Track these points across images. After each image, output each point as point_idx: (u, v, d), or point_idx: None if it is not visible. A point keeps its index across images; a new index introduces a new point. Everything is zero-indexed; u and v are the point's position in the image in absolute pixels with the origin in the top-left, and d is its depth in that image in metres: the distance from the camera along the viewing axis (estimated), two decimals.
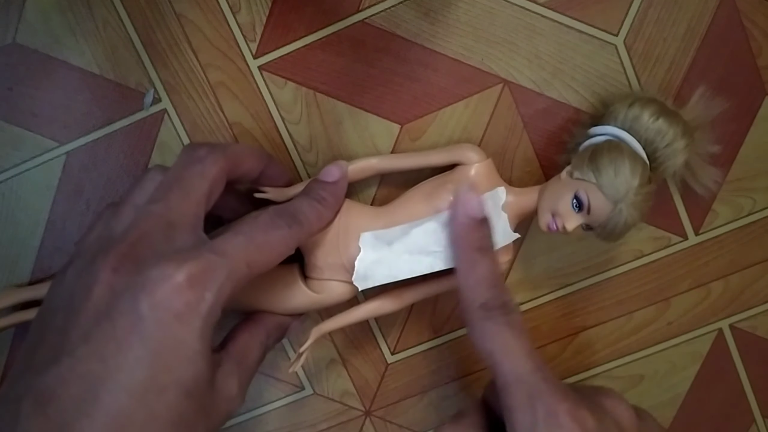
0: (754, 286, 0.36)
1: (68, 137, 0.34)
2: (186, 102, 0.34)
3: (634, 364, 0.37)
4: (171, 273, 0.23)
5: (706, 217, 0.35)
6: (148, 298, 0.22)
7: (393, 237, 0.30)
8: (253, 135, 0.34)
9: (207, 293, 0.23)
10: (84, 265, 0.25)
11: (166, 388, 0.22)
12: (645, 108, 0.29)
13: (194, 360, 0.23)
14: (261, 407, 0.38)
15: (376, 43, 0.33)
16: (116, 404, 0.22)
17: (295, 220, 0.27)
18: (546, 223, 0.29)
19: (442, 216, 0.30)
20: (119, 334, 0.22)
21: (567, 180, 0.29)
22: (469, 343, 0.36)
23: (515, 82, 0.33)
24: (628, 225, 0.28)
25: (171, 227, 0.25)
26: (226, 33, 0.33)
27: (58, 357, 0.23)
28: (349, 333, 0.37)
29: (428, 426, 0.38)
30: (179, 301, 0.23)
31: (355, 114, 0.34)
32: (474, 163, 0.30)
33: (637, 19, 0.32)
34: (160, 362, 0.22)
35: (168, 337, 0.23)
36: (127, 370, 0.22)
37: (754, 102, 0.34)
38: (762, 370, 0.37)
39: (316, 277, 0.31)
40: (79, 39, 0.33)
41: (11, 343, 0.36)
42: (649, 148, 0.29)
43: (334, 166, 0.31)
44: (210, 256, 0.24)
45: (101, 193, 0.35)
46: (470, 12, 0.32)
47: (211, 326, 0.24)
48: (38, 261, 0.35)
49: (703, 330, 0.37)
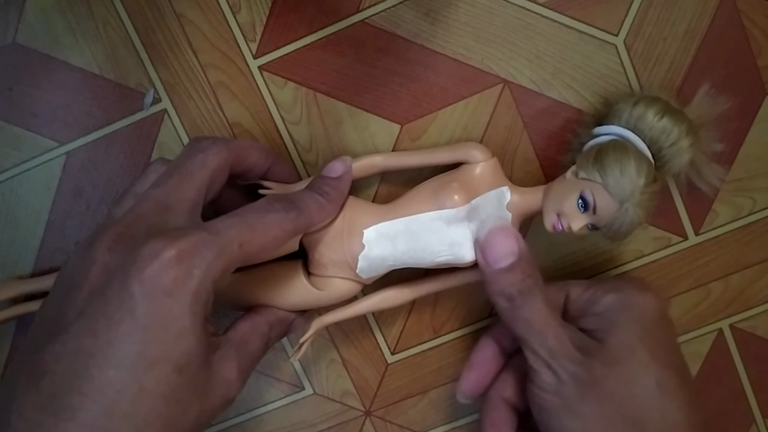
0: (754, 286, 0.36)
1: (68, 137, 0.34)
2: (186, 102, 0.34)
3: None
4: (161, 249, 0.23)
5: (706, 217, 0.35)
6: (138, 274, 0.23)
7: (396, 233, 0.30)
8: (253, 135, 0.34)
9: (196, 269, 0.23)
10: (84, 247, 0.26)
11: (155, 363, 0.23)
12: (649, 107, 0.29)
13: (184, 335, 0.23)
14: (261, 407, 0.38)
15: (376, 43, 0.33)
16: (106, 378, 0.22)
17: (294, 206, 0.27)
18: (551, 223, 0.29)
19: (445, 212, 0.30)
20: (110, 310, 0.23)
21: (572, 180, 0.29)
22: (469, 343, 0.37)
23: (515, 82, 0.33)
24: (634, 224, 0.28)
25: (167, 210, 0.26)
26: (226, 33, 0.33)
27: (53, 334, 0.23)
28: (349, 333, 0.37)
29: (428, 426, 0.38)
30: (167, 276, 0.23)
31: (355, 114, 0.34)
32: (479, 161, 0.30)
33: (637, 19, 0.32)
34: (150, 337, 0.23)
35: (157, 313, 0.23)
36: (117, 345, 0.22)
37: (754, 102, 0.34)
38: (762, 370, 0.37)
39: (319, 273, 0.31)
40: (79, 39, 0.33)
41: (12, 337, 0.36)
42: (654, 146, 0.29)
43: (338, 161, 0.31)
44: (200, 233, 0.24)
45: (101, 193, 0.35)
46: (470, 12, 0.32)
47: (203, 303, 0.24)
48: (38, 261, 0.35)
49: (703, 330, 0.37)
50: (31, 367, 0.23)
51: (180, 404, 0.23)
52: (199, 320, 0.24)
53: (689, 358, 0.37)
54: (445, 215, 0.30)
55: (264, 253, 0.26)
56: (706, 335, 0.37)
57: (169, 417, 0.23)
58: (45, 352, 0.23)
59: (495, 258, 0.29)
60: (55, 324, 0.24)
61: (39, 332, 0.25)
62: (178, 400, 0.23)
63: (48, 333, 0.24)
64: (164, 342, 0.23)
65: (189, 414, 0.24)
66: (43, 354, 0.23)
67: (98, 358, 0.22)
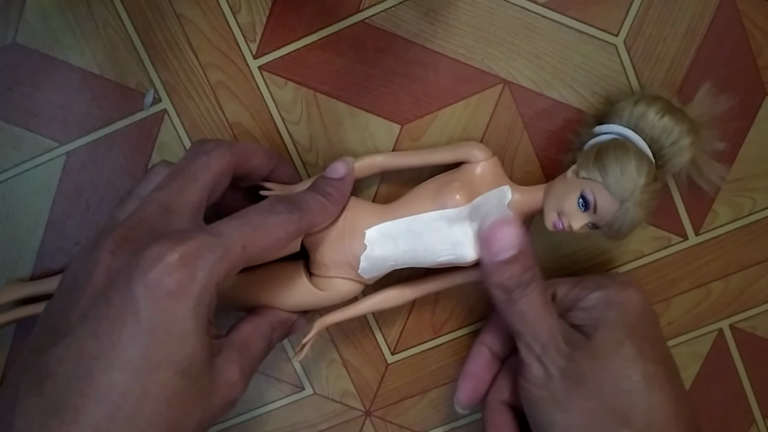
0: (754, 286, 0.36)
1: (68, 137, 0.34)
2: (186, 102, 0.34)
3: None
4: (164, 252, 0.23)
5: (706, 217, 0.35)
6: (141, 278, 0.23)
7: (398, 233, 0.30)
8: (253, 135, 0.34)
9: (199, 272, 0.23)
10: (87, 250, 0.26)
11: (159, 366, 0.23)
12: (650, 106, 0.29)
13: (187, 338, 0.23)
14: (261, 407, 0.38)
15: (376, 43, 0.33)
16: (109, 381, 0.22)
17: (296, 208, 0.27)
18: (552, 222, 0.29)
19: (447, 212, 0.30)
20: (113, 313, 0.23)
21: (573, 179, 0.29)
22: (469, 343, 0.36)
23: (515, 82, 0.33)
24: (635, 223, 0.28)
25: (170, 212, 0.26)
26: (226, 33, 0.33)
27: (57, 337, 0.23)
28: (349, 333, 0.37)
29: (428, 426, 0.38)
30: (171, 280, 0.23)
31: (355, 114, 0.34)
32: (480, 161, 0.30)
33: (637, 19, 0.32)
34: (153, 340, 0.23)
35: (160, 316, 0.23)
36: (120, 348, 0.22)
37: (754, 102, 0.34)
38: (762, 370, 0.37)
39: (321, 274, 0.31)
40: (79, 39, 0.33)
41: (12, 341, 0.36)
42: (655, 146, 0.29)
43: (340, 162, 0.31)
44: (204, 236, 0.24)
45: (101, 193, 0.35)
46: (470, 12, 0.32)
47: (206, 306, 0.24)
48: (38, 261, 0.35)
49: (703, 330, 0.37)
50: (35, 370, 0.23)
51: (183, 407, 0.23)
52: (203, 323, 0.24)
53: (689, 358, 0.37)
54: (447, 215, 0.30)
55: (267, 254, 0.26)
56: (706, 335, 0.37)
57: (172, 419, 0.23)
58: (48, 354, 0.23)
59: (496, 250, 0.29)
60: (58, 327, 0.24)
61: (42, 335, 0.25)
62: (182, 403, 0.23)
63: (51, 335, 0.24)
64: (167, 345, 0.23)
65: (192, 416, 0.24)
66: (47, 356, 0.23)
67: (101, 361, 0.22)
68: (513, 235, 0.29)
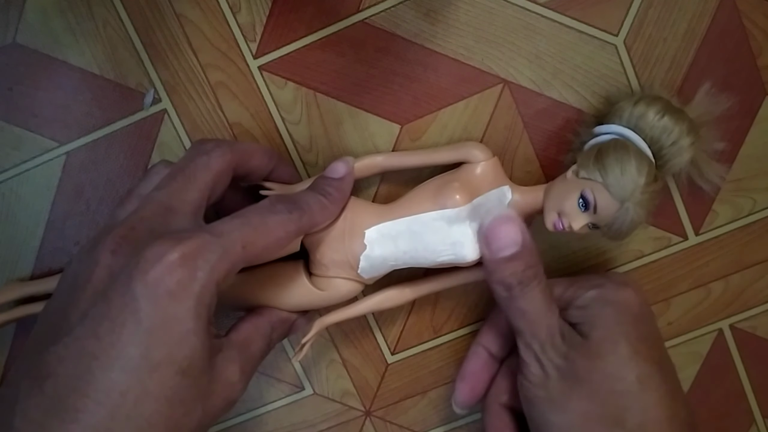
0: (754, 286, 0.36)
1: (68, 137, 0.34)
2: (186, 102, 0.34)
3: None
4: (164, 252, 0.23)
5: (706, 217, 0.35)
6: (141, 277, 0.23)
7: (398, 233, 0.30)
8: (253, 135, 0.34)
9: (199, 272, 0.23)
10: (87, 249, 0.26)
11: (159, 366, 0.23)
12: (650, 106, 0.29)
13: (187, 338, 0.23)
14: (261, 407, 0.38)
15: (376, 43, 0.33)
16: (109, 380, 0.22)
17: (296, 207, 0.27)
18: (552, 222, 0.29)
19: (447, 212, 0.30)
20: (113, 313, 0.23)
21: (573, 179, 0.29)
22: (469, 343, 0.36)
23: (515, 82, 0.33)
24: (635, 223, 0.28)
25: (171, 212, 0.26)
26: (226, 33, 0.33)
27: (57, 337, 0.23)
28: (349, 333, 0.37)
29: (428, 426, 0.38)
30: (171, 279, 0.23)
31: (355, 114, 0.34)
32: (480, 161, 0.30)
33: (637, 19, 0.32)
34: (153, 340, 0.23)
35: (161, 315, 0.23)
36: (119, 347, 0.22)
37: (754, 102, 0.34)
38: (762, 370, 0.37)
39: (320, 274, 0.31)
40: (79, 39, 0.33)
41: (12, 340, 0.36)
42: (655, 146, 0.29)
43: (340, 162, 0.31)
44: (204, 236, 0.24)
45: (101, 193, 0.35)
46: (470, 12, 0.32)
47: (206, 306, 0.24)
48: (38, 261, 0.35)
49: (703, 330, 0.37)
50: (35, 369, 0.23)
51: (183, 406, 0.23)
52: (203, 323, 0.24)
53: (689, 358, 0.37)
54: (447, 215, 0.30)
55: (267, 254, 0.26)
56: (706, 335, 0.37)
57: (172, 419, 0.23)
58: (48, 354, 0.23)
59: (498, 247, 0.29)
60: (58, 326, 0.24)
61: (42, 334, 0.25)
62: (182, 403, 0.23)
63: (51, 335, 0.24)
64: (167, 344, 0.23)
65: (192, 416, 0.24)
66: (47, 356, 0.23)
67: (102, 361, 0.22)
68: (515, 232, 0.29)
